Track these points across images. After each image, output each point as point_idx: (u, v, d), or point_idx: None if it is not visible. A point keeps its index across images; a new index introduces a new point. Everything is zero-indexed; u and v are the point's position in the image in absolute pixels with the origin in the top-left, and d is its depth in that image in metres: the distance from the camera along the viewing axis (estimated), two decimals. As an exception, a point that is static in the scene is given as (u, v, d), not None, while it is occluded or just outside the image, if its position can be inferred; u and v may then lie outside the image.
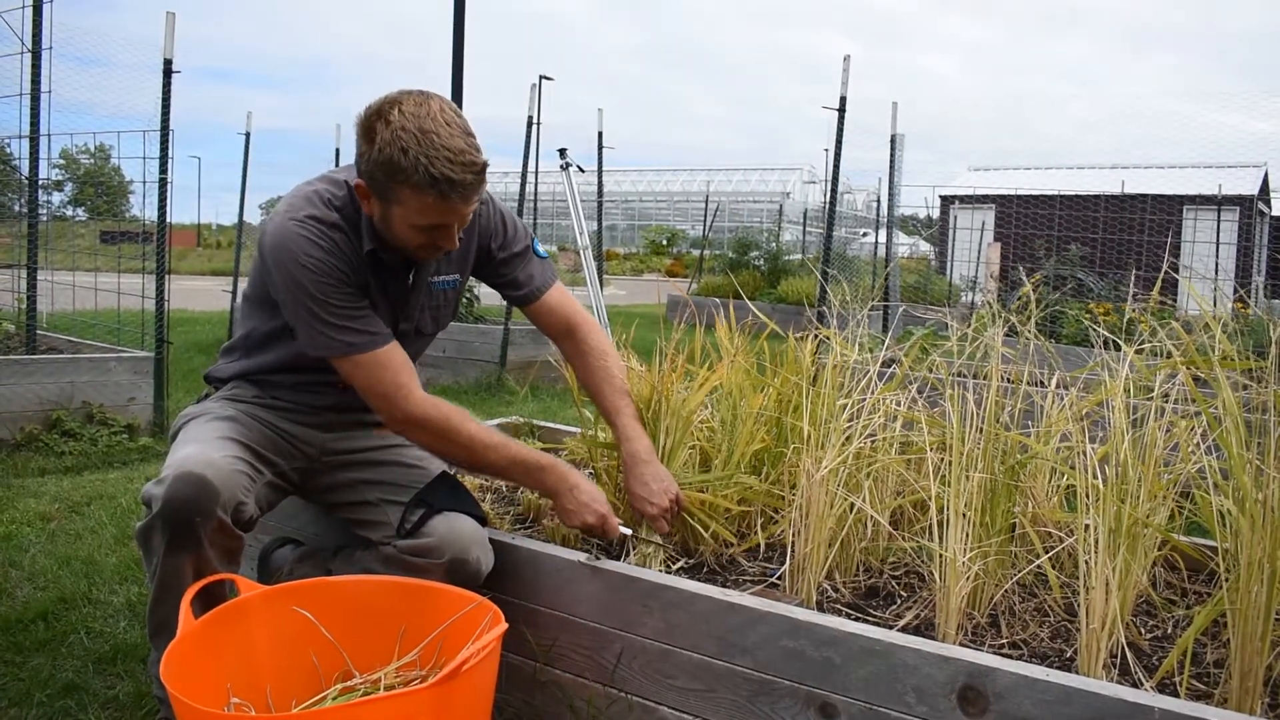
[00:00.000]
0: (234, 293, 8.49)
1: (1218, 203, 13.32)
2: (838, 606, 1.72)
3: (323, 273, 1.63)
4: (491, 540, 1.75)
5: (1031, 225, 14.20)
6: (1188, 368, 1.65)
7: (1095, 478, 1.48)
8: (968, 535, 1.59)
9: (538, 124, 6.99)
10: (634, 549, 1.84)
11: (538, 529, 2.09)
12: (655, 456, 1.85)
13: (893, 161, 7.25)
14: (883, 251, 9.76)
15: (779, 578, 1.80)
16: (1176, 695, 1.40)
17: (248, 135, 8.30)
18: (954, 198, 16.09)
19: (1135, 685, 1.42)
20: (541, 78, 6.99)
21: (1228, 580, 1.41)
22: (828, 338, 2.04)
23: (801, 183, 30.59)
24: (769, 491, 2.04)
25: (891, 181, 7.39)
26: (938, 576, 1.58)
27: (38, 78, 4.36)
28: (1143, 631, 1.65)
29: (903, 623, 1.63)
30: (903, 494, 1.98)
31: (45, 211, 6.16)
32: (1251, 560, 1.35)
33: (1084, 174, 18.77)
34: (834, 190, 6.49)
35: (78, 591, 2.45)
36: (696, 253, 19.43)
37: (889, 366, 2.09)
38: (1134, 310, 2.16)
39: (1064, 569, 1.80)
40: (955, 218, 13.64)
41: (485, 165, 1.58)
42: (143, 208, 5.15)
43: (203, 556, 1.54)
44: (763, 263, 13.74)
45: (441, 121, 1.54)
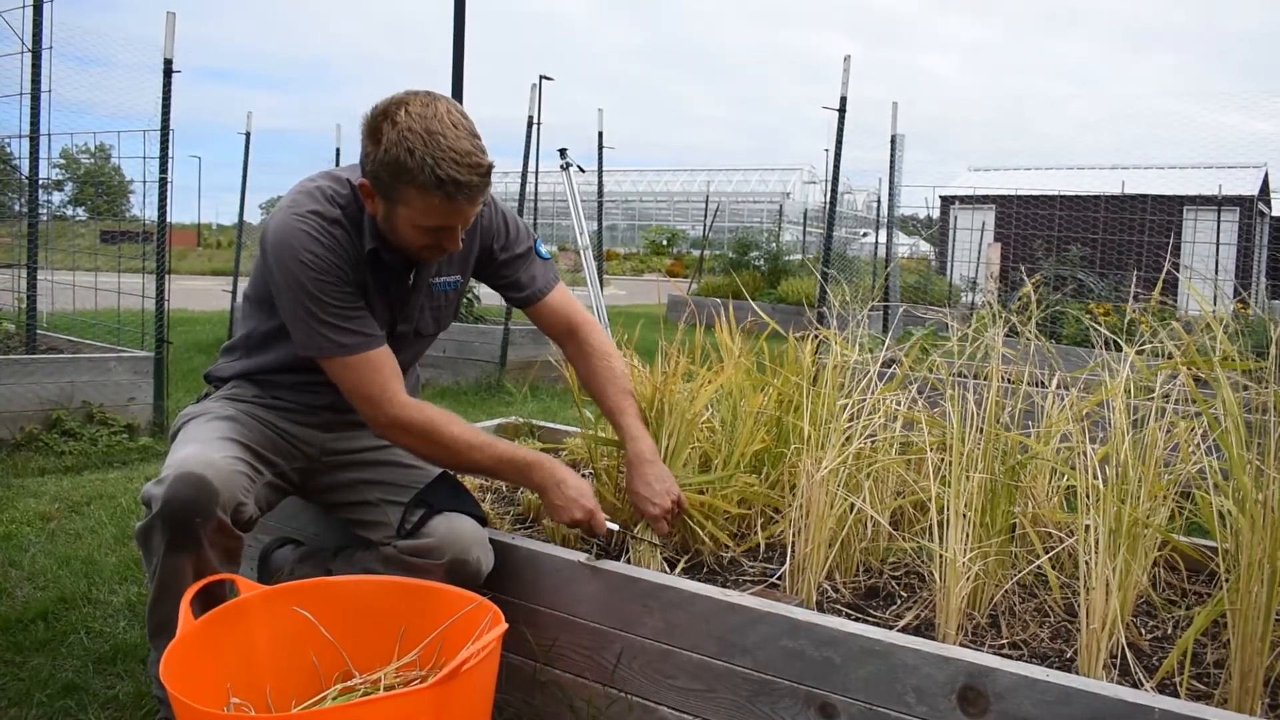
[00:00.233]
0: (234, 292, 8.49)
1: (1218, 203, 13.32)
2: (838, 607, 1.72)
3: (322, 269, 1.63)
4: (491, 540, 1.75)
5: (1032, 225, 14.20)
6: (1188, 368, 1.65)
7: (1095, 478, 1.48)
8: (968, 535, 1.59)
9: (538, 124, 6.99)
10: (631, 549, 1.84)
11: (537, 529, 2.09)
12: (659, 457, 1.84)
13: (893, 161, 7.25)
14: (883, 252, 9.76)
15: (779, 578, 1.80)
16: (1177, 696, 1.40)
17: (248, 135, 8.30)
18: (954, 198, 16.08)
19: (1135, 686, 1.42)
20: (541, 78, 6.99)
21: (1228, 581, 1.41)
22: (828, 338, 2.04)
23: (801, 183, 30.59)
24: (769, 492, 2.04)
25: (891, 181, 7.39)
26: (938, 577, 1.58)
27: (38, 77, 4.36)
28: (1143, 632, 1.65)
29: (903, 623, 1.63)
30: (903, 494, 1.98)
31: (45, 211, 6.16)
32: (1251, 561, 1.35)
33: (1084, 174, 18.77)
34: (834, 190, 6.49)
35: (77, 591, 2.45)
36: (697, 253, 19.43)
37: (889, 367, 2.09)
38: (1134, 311, 2.16)
39: (1064, 569, 1.80)
40: (955, 218, 13.64)
41: (491, 167, 1.58)
42: (143, 207, 5.15)
43: (202, 557, 1.54)
44: (763, 263, 13.75)
45: (448, 123, 1.54)
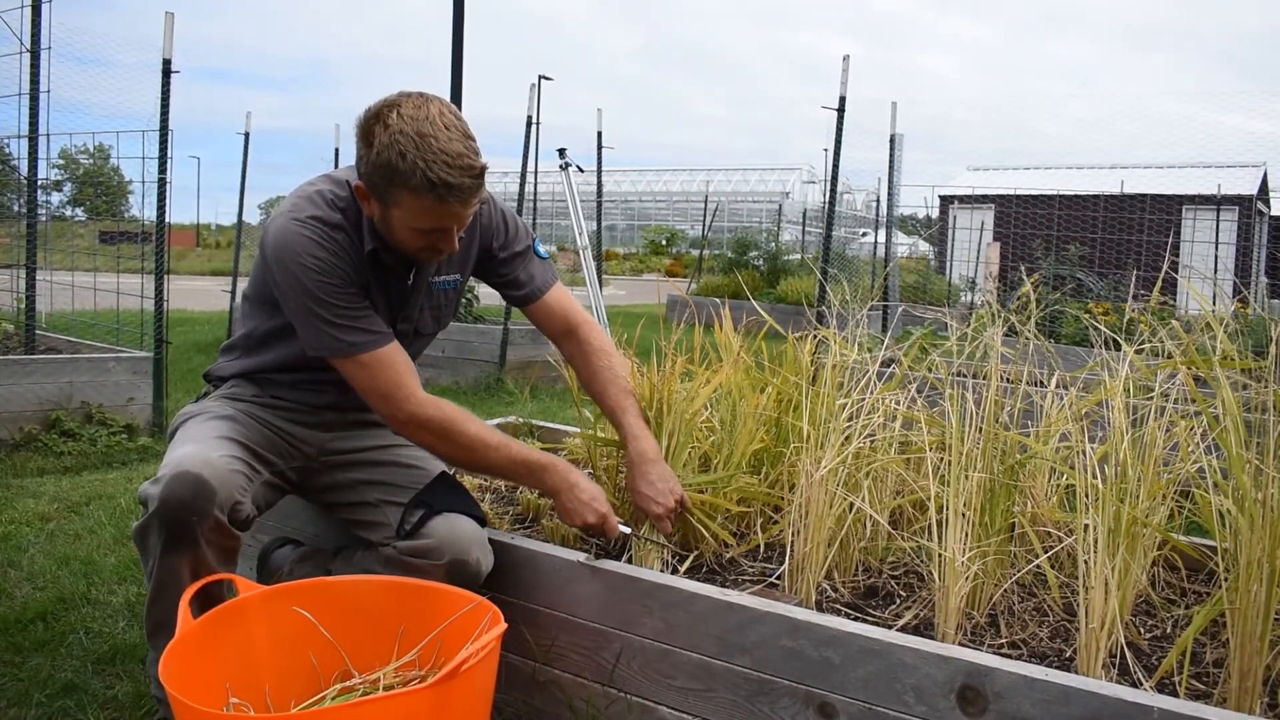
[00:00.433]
0: (233, 293, 8.49)
1: (1217, 202, 13.31)
2: (837, 606, 1.72)
3: (326, 273, 1.63)
4: (491, 540, 1.75)
5: (1031, 225, 14.19)
6: (1187, 367, 1.65)
7: (1094, 477, 1.47)
8: (967, 535, 1.59)
9: (537, 124, 6.99)
10: (632, 549, 1.84)
11: (537, 529, 2.09)
12: (661, 456, 1.84)
13: (892, 161, 7.25)
14: (882, 251, 9.76)
15: (778, 577, 1.80)
16: (1176, 695, 1.40)
17: (247, 135, 8.29)
18: (953, 198, 16.08)
19: (1134, 685, 1.42)
20: (541, 78, 6.99)
21: (1227, 580, 1.41)
22: (827, 337, 2.03)
23: (801, 183, 30.60)
24: (768, 491, 2.04)
25: (891, 181, 7.39)
26: (937, 576, 1.58)
27: (37, 77, 4.35)
28: (1142, 631, 1.65)
29: (902, 622, 1.63)
30: (902, 494, 1.98)
31: (44, 211, 6.16)
32: (1251, 560, 1.35)
33: (1083, 174, 18.76)
34: (833, 190, 6.49)
35: (76, 591, 2.45)
36: (696, 253, 19.44)
37: (888, 366, 2.09)
38: (1133, 310, 2.16)
39: (1063, 569, 1.80)
40: (954, 218, 13.64)
41: (484, 168, 1.58)
42: (142, 208, 5.14)
43: (200, 556, 1.54)
44: (762, 263, 13.74)
45: (440, 125, 1.53)
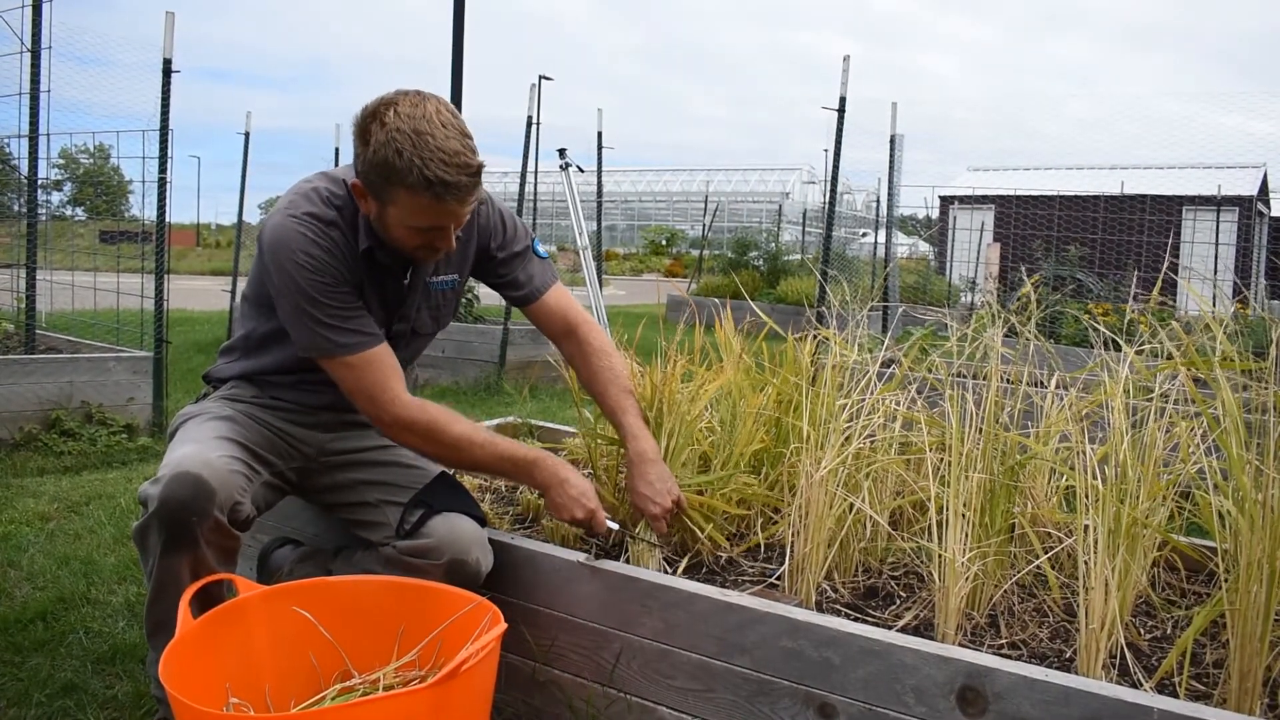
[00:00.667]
0: (233, 292, 8.48)
1: (1217, 203, 13.31)
2: (837, 607, 1.72)
3: (319, 271, 1.63)
4: (491, 540, 1.75)
5: (1031, 226, 14.19)
6: (1187, 368, 1.65)
7: (1094, 478, 1.47)
8: (967, 535, 1.59)
9: (537, 124, 6.99)
10: (630, 548, 1.84)
11: (537, 529, 2.09)
12: (660, 456, 1.84)
13: (892, 162, 7.25)
14: (882, 252, 9.76)
15: (778, 578, 1.80)
16: (1176, 696, 1.40)
17: (247, 135, 8.29)
18: (953, 198, 16.07)
19: (1134, 686, 1.42)
20: (541, 78, 6.99)
21: (1227, 581, 1.41)
22: (827, 338, 2.03)
23: (801, 183, 30.60)
24: (768, 492, 2.04)
25: (891, 182, 7.39)
26: (937, 577, 1.58)
27: (37, 77, 4.35)
28: (1142, 632, 1.65)
29: (902, 623, 1.63)
30: (902, 494, 1.98)
31: (44, 211, 6.16)
32: (1251, 561, 1.35)
33: (1083, 174, 18.75)
34: (833, 190, 6.49)
35: (76, 591, 2.45)
36: (696, 253, 19.43)
37: (888, 367, 2.09)
38: (1134, 311, 2.16)
39: (1063, 569, 1.80)
40: (955, 218, 13.63)
41: (481, 167, 1.57)
42: (142, 207, 5.14)
43: (199, 556, 1.54)
44: (762, 263, 13.74)
45: (437, 123, 1.53)
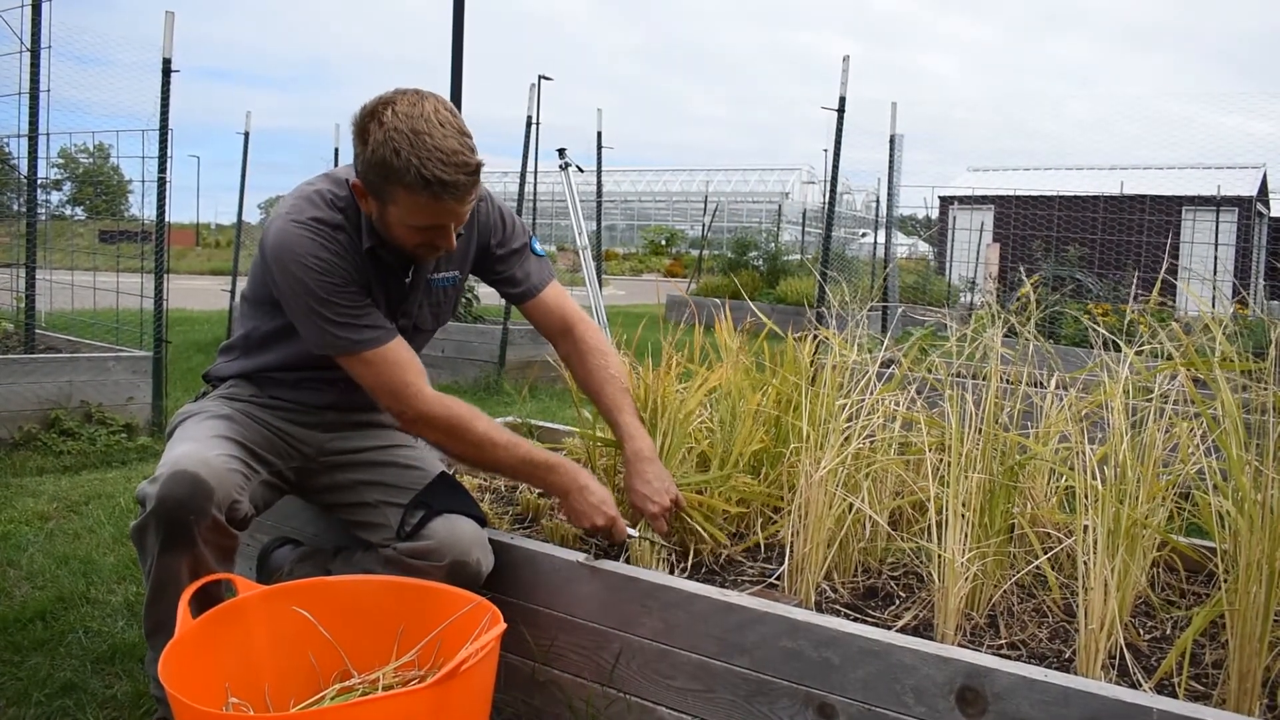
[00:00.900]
0: (233, 292, 8.48)
1: (1216, 204, 13.31)
2: (836, 607, 1.72)
3: (328, 274, 1.63)
4: (491, 540, 1.75)
5: (1030, 226, 14.18)
6: (1187, 369, 1.65)
7: (1094, 479, 1.47)
8: (966, 536, 1.59)
9: (537, 124, 6.99)
10: (630, 548, 1.84)
11: (537, 529, 2.09)
12: (656, 455, 1.85)
13: (892, 162, 7.25)
14: (882, 252, 9.76)
15: (778, 578, 1.80)
16: (1175, 696, 1.40)
17: (247, 135, 8.28)
18: (953, 198, 16.07)
19: (1134, 686, 1.42)
20: (541, 78, 6.99)
21: (1226, 581, 1.41)
22: (827, 338, 2.04)
23: (801, 183, 30.60)
24: (767, 492, 2.04)
25: (891, 182, 7.39)
26: (936, 577, 1.58)
27: (37, 76, 4.35)
28: (1141, 632, 1.65)
29: (901, 623, 1.63)
30: (901, 494, 1.98)
31: (44, 211, 6.16)
32: (1250, 561, 1.35)
33: (1083, 175, 18.74)
34: (833, 190, 6.49)
35: (76, 591, 2.45)
36: (695, 253, 19.44)
37: (888, 367, 2.09)
38: (1133, 311, 2.16)
39: (1063, 570, 1.80)
40: (954, 218, 13.63)
41: (479, 165, 1.57)
42: (141, 207, 5.14)
43: (197, 555, 1.54)
44: (761, 263, 13.74)
45: (435, 122, 1.53)
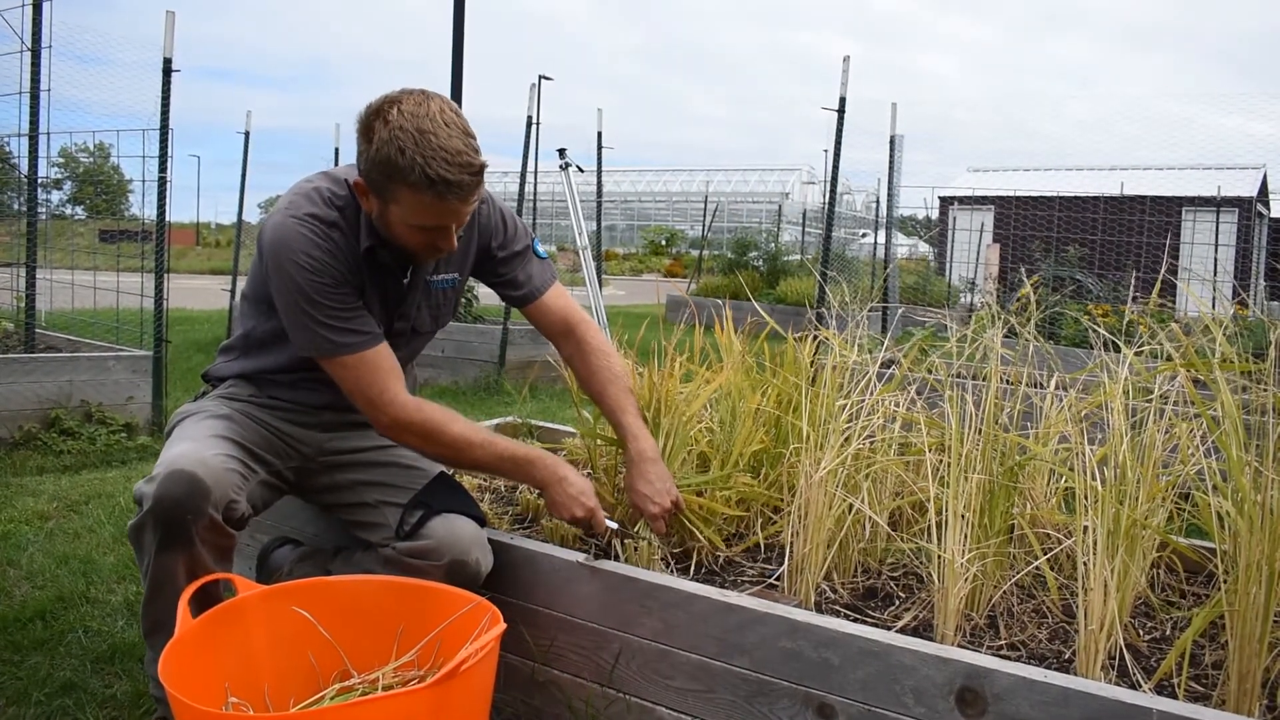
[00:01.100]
0: (233, 292, 8.48)
1: (1216, 204, 13.31)
2: (836, 607, 1.72)
3: (320, 272, 1.63)
4: (490, 540, 1.75)
5: (1030, 226, 14.17)
6: (1187, 370, 1.65)
7: (1094, 479, 1.48)
8: (966, 536, 1.59)
9: (537, 124, 6.99)
10: (626, 548, 1.84)
11: (536, 529, 2.09)
12: (659, 456, 1.85)
13: (892, 162, 7.25)
14: (882, 252, 9.76)
15: (777, 578, 1.80)
16: (1175, 697, 1.40)
17: (247, 134, 8.29)
18: (953, 199, 16.06)
19: (1133, 687, 1.42)
20: (541, 78, 6.99)
21: (1226, 582, 1.41)
22: (827, 338, 2.04)
23: (801, 183, 30.60)
24: (767, 492, 2.04)
25: (891, 182, 7.39)
26: (936, 578, 1.58)
27: (37, 76, 4.36)
28: (1141, 633, 1.65)
29: (901, 624, 1.63)
30: (901, 495, 1.98)
31: (44, 210, 6.16)
32: (1250, 562, 1.35)
33: (1083, 175, 18.73)
34: (833, 191, 6.49)
35: (75, 590, 2.45)
36: (695, 253, 19.44)
37: (888, 367, 2.09)
38: (1133, 312, 2.16)
39: (1062, 570, 1.80)
40: (954, 219, 13.63)
41: (484, 166, 1.58)
42: (142, 206, 5.14)
43: (195, 555, 1.54)
44: (761, 263, 13.74)
45: (440, 122, 1.53)
